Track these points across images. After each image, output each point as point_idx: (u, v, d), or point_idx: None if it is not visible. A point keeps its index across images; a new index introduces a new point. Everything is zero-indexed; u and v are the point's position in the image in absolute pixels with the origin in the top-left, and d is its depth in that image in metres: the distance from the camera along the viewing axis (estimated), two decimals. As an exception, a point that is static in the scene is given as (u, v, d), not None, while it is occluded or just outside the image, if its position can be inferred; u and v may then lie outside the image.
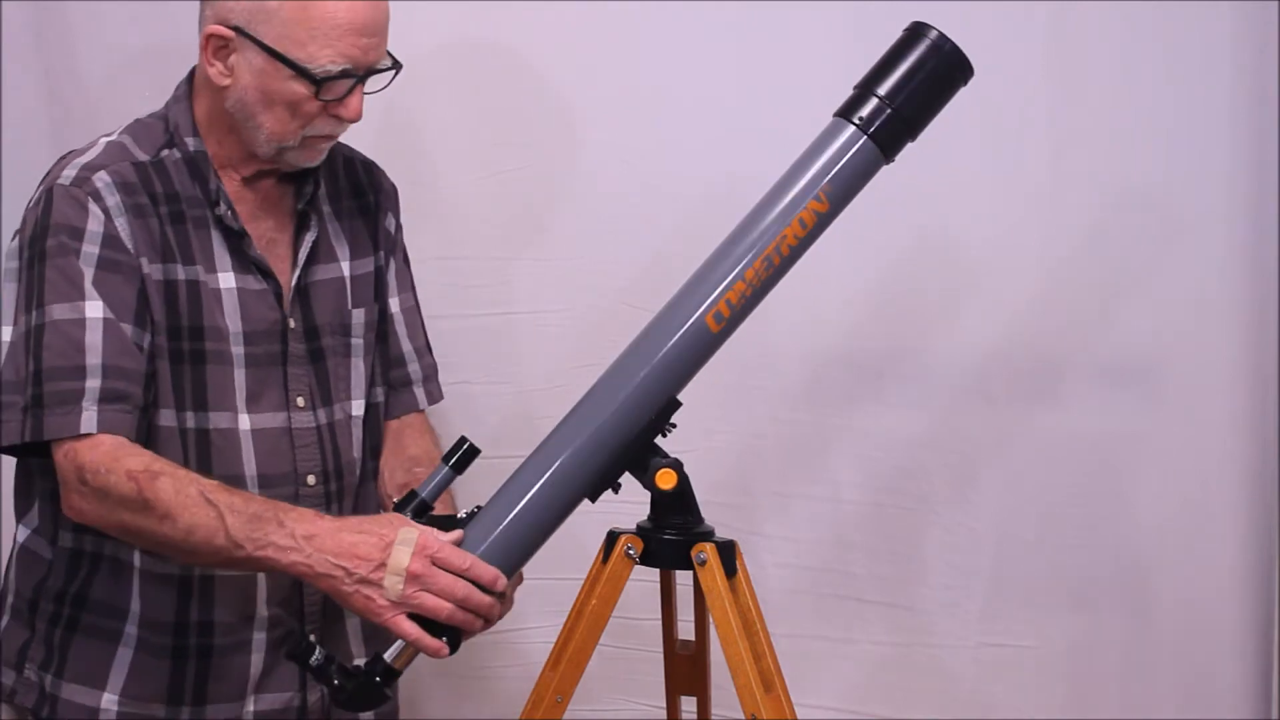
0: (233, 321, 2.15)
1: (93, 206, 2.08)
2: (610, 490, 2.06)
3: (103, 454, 2.02)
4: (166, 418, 2.11)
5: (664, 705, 2.25)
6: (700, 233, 2.66)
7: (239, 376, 2.15)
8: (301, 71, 2.07)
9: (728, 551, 2.05)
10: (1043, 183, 2.59)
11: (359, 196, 2.32)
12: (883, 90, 2.04)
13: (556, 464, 2.07)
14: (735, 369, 2.61)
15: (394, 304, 2.34)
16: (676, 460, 2.06)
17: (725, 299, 2.03)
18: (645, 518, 2.07)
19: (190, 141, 2.17)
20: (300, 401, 2.20)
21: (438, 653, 2.02)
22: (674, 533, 2.05)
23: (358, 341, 2.26)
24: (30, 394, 2.05)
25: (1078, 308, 2.60)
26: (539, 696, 2.07)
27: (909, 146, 2.01)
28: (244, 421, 2.15)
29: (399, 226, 2.37)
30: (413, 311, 2.38)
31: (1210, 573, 2.59)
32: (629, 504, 2.09)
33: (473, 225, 2.73)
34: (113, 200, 2.09)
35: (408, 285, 2.38)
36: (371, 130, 2.33)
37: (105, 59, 2.67)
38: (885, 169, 2.07)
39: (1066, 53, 2.56)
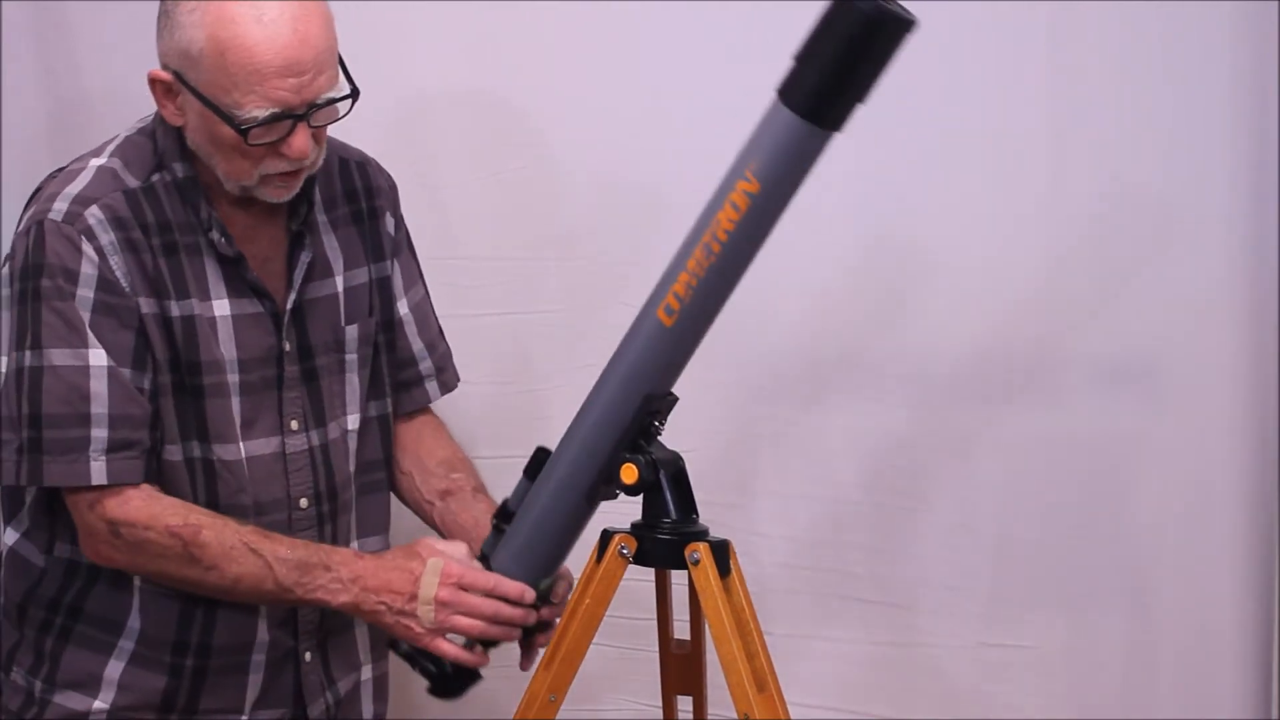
0: (228, 349, 2.13)
1: (86, 246, 2.04)
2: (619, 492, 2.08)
3: (135, 510, 2.06)
4: (172, 453, 2.11)
5: (660, 705, 2.25)
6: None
7: (235, 405, 2.14)
8: (227, 119, 2.00)
9: (721, 551, 2.05)
10: (1042, 183, 2.58)
11: (353, 202, 2.27)
12: (796, 52, 1.89)
13: (557, 473, 2.10)
14: (735, 368, 2.61)
15: (402, 306, 2.31)
16: (675, 455, 2.08)
17: (672, 291, 1.98)
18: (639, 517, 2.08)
19: (179, 167, 2.11)
20: (294, 425, 2.19)
21: (479, 664, 2.15)
22: (667, 532, 2.06)
23: (352, 357, 2.24)
24: (26, 436, 2.04)
25: (1078, 307, 2.60)
26: (533, 696, 2.08)
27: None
28: (241, 449, 2.14)
29: (400, 222, 2.33)
30: (422, 304, 2.35)
31: (1210, 573, 2.58)
32: (626, 504, 2.09)
33: (473, 225, 2.73)
34: (106, 239, 2.05)
35: (415, 278, 2.35)
36: (372, 130, 2.33)
37: (105, 59, 2.67)
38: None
39: (1066, 53, 2.55)
